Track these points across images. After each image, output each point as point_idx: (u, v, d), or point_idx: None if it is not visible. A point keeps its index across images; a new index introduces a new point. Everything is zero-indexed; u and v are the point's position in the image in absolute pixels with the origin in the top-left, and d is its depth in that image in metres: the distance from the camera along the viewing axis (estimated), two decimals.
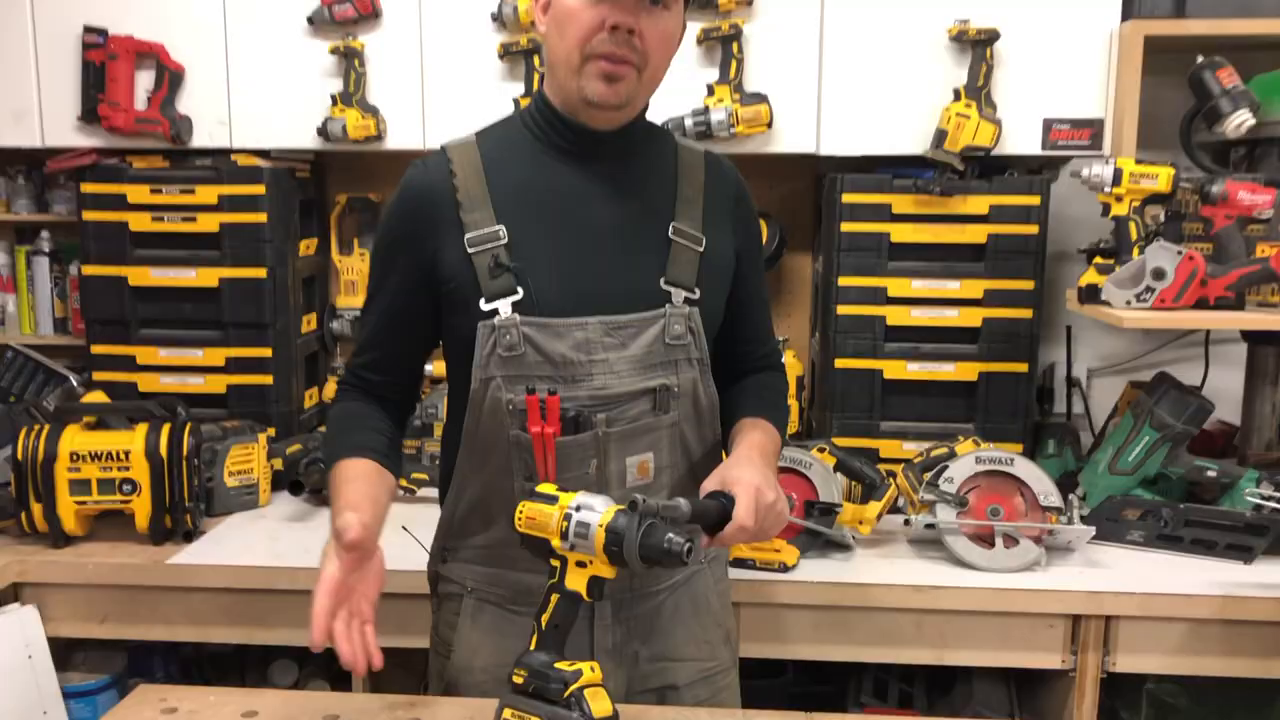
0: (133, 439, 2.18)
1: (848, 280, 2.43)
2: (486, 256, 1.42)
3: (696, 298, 1.49)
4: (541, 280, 1.43)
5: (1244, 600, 2.00)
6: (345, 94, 2.43)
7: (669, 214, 1.50)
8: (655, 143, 1.55)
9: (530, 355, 1.42)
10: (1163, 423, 2.23)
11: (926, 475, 2.18)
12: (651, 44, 1.39)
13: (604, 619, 1.52)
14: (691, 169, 1.54)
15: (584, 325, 1.43)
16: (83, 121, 2.49)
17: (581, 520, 1.24)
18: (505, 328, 1.42)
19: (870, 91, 2.38)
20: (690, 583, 1.60)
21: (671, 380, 1.47)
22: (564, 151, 1.48)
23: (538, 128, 1.49)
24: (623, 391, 1.45)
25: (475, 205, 1.44)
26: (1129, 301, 2.15)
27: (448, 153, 1.49)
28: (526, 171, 1.48)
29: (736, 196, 1.59)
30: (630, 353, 1.45)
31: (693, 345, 1.49)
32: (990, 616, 2.06)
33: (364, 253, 2.81)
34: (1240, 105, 2.22)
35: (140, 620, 2.16)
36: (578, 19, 1.38)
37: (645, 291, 1.46)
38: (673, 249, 1.48)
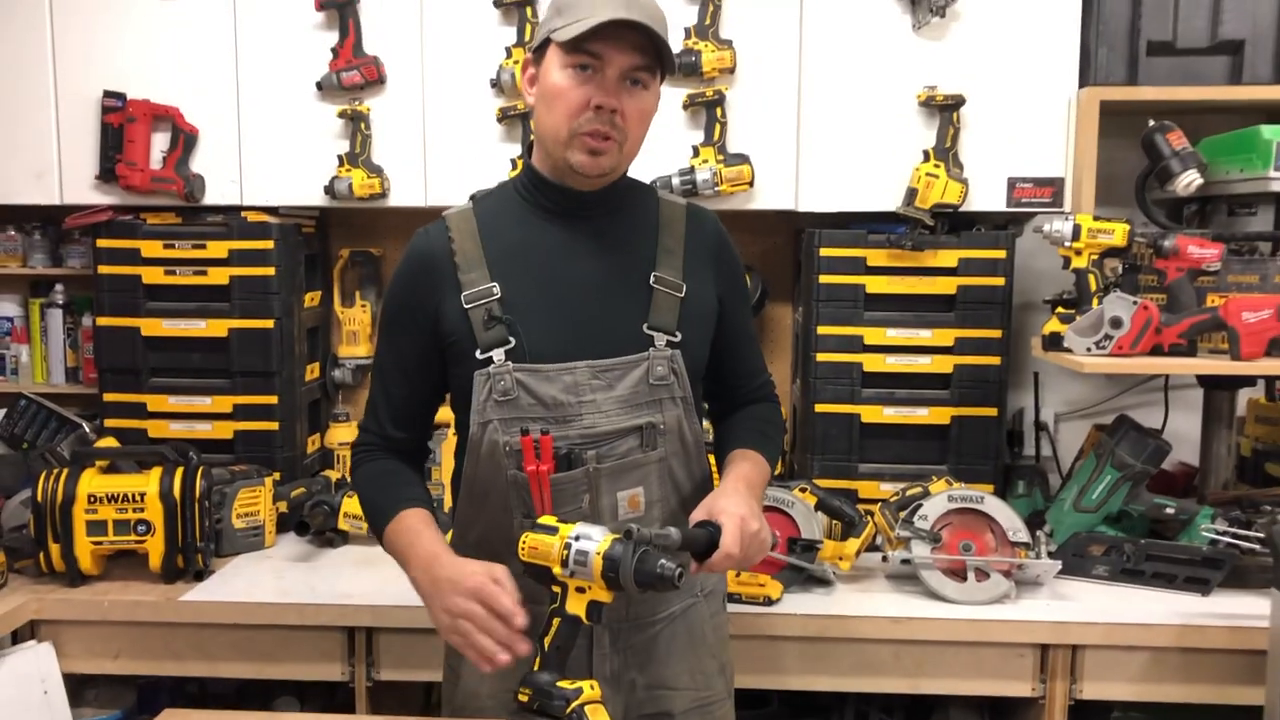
0: (148, 481, 2.28)
1: (826, 329, 2.56)
2: (481, 311, 1.55)
3: (679, 340, 1.61)
4: (532, 330, 1.55)
5: (1201, 629, 2.12)
6: (352, 154, 2.57)
7: (650, 264, 1.62)
8: (637, 199, 1.68)
9: (524, 398, 1.55)
10: (1123, 462, 2.36)
11: (902, 513, 2.30)
12: (631, 121, 1.54)
13: (602, 647, 1.62)
14: (672, 221, 1.67)
15: (573, 369, 1.56)
16: (100, 180, 2.62)
17: (580, 549, 1.35)
18: (499, 374, 1.54)
19: (845, 152, 2.53)
20: (686, 615, 1.70)
21: (657, 418, 1.59)
22: (551, 212, 1.61)
23: (527, 192, 1.63)
24: (611, 429, 1.57)
25: (471, 266, 1.58)
26: (1089, 348, 2.28)
27: (446, 221, 1.63)
28: (518, 232, 1.61)
29: (717, 245, 1.71)
30: (617, 393, 1.57)
31: (676, 385, 1.61)
32: (963, 646, 2.17)
33: (365, 304, 2.94)
34: (1189, 165, 2.39)
35: (152, 656, 2.25)
36: (565, 97, 1.52)
37: (629, 336, 1.59)
38: (654, 296, 1.61)
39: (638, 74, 1.53)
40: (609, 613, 1.56)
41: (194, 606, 2.21)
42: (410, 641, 2.21)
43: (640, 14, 1.49)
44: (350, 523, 2.53)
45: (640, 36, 1.50)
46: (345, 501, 2.54)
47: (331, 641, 2.22)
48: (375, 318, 2.96)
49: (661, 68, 1.56)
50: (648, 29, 1.48)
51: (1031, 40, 2.47)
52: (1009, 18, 2.47)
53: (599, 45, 1.49)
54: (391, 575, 2.33)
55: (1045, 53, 2.48)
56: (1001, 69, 2.49)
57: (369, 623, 2.20)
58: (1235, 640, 2.11)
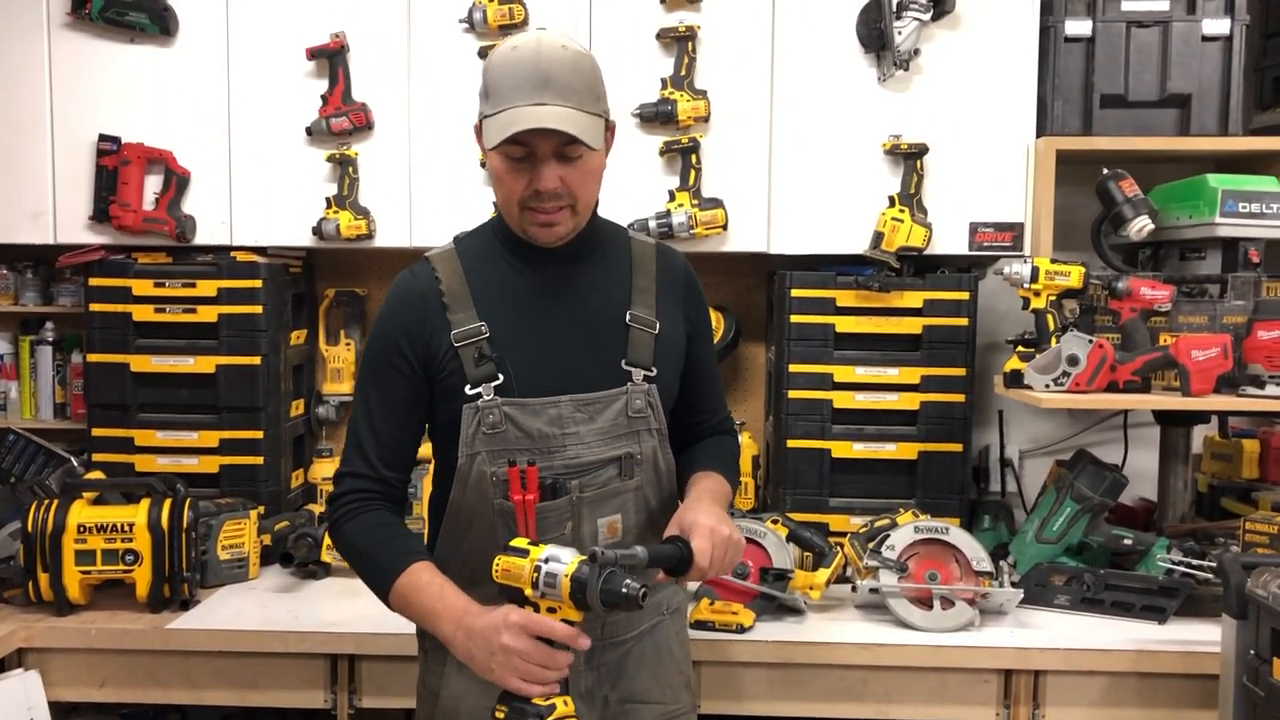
0: (136, 512, 2.33)
1: (797, 367, 2.65)
2: (471, 349, 1.62)
3: (654, 375, 1.69)
4: (519, 367, 1.62)
5: (1156, 655, 2.20)
6: (339, 197, 2.66)
7: (626, 303, 1.70)
8: (608, 241, 1.75)
9: (511, 431, 1.62)
10: (1082, 495, 2.45)
11: (871, 544, 2.37)
12: (576, 185, 1.58)
13: (577, 664, 1.65)
14: (644, 261, 1.75)
15: (557, 403, 1.63)
16: (94, 220, 2.70)
17: (550, 571, 1.41)
18: (488, 408, 1.61)
19: (814, 197, 2.64)
20: (654, 632, 1.77)
21: (635, 449, 1.67)
22: (528, 259, 1.68)
23: (503, 238, 1.69)
24: (593, 460, 1.65)
25: (459, 305, 1.64)
26: (1048, 385, 2.38)
27: (431, 262, 1.69)
28: (500, 274, 1.68)
29: (686, 283, 1.79)
30: (598, 425, 1.65)
31: (652, 417, 1.69)
32: (929, 672, 2.24)
33: (349, 342, 3.01)
34: (1140, 211, 2.50)
35: (137, 684, 2.29)
36: (506, 183, 1.59)
37: (608, 372, 1.67)
38: (631, 334, 1.69)
39: (569, 148, 1.55)
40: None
41: (179, 634, 2.26)
42: (392, 669, 2.25)
43: (557, 94, 1.51)
44: (333, 554, 2.58)
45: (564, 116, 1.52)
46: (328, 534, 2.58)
47: (314, 669, 2.27)
48: (359, 355, 3.02)
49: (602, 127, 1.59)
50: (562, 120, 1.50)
51: (991, 92, 2.60)
52: (969, 71, 2.60)
53: (525, 135, 1.52)
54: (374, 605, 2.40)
55: (1004, 104, 2.60)
56: (963, 119, 2.60)
57: (352, 650, 2.25)
58: (1189, 665, 2.19)
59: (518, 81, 1.53)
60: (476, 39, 2.64)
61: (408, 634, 2.20)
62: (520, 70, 1.53)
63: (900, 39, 2.52)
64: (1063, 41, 2.59)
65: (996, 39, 2.59)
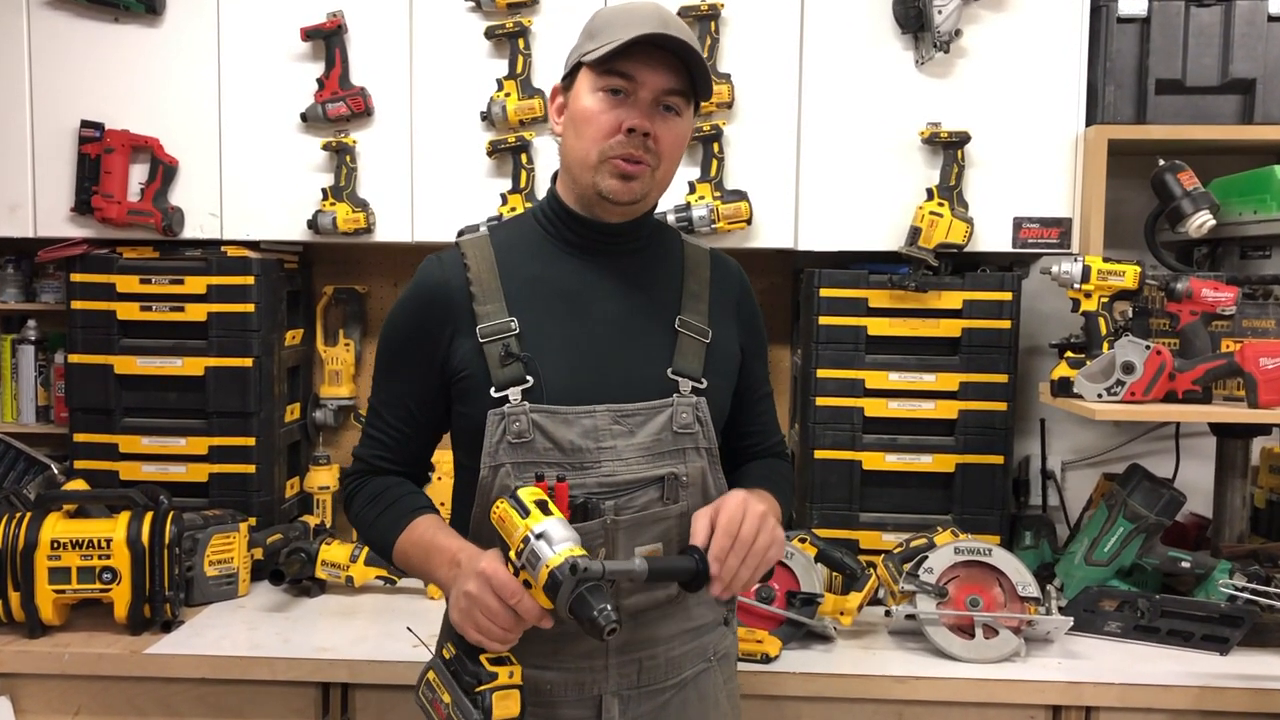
0: (114, 527, 2.17)
1: (826, 372, 2.48)
2: (498, 346, 1.46)
3: (704, 388, 1.52)
4: (551, 369, 1.46)
5: (1221, 691, 2.02)
6: (336, 188, 2.49)
7: (675, 307, 1.55)
8: (662, 239, 1.62)
9: (539, 442, 1.45)
10: (1136, 514, 2.26)
11: (906, 566, 2.20)
12: (665, 146, 1.47)
13: (610, 717, 1.51)
14: (697, 266, 1.61)
15: (592, 413, 1.47)
16: (75, 212, 2.53)
17: (534, 551, 1.27)
18: (515, 415, 1.45)
19: (846, 190, 2.46)
20: (698, 681, 1.59)
21: (680, 469, 1.50)
22: (574, 246, 1.54)
23: (549, 224, 1.55)
24: (631, 479, 1.47)
25: (488, 298, 1.49)
26: (1100, 394, 2.20)
27: (462, 248, 1.54)
28: (537, 266, 1.53)
29: (740, 294, 1.65)
30: (638, 440, 1.48)
31: (701, 435, 1.52)
32: (971, 707, 2.06)
33: (349, 343, 2.84)
34: (1201, 206, 2.31)
35: (114, 712, 2.13)
36: (595, 121, 1.45)
37: (653, 380, 1.51)
38: (679, 340, 1.53)
39: (671, 98, 1.47)
40: (617, 679, 1.50)
41: (159, 660, 2.10)
42: (389, 699, 2.09)
43: (676, 33, 1.43)
44: (328, 571, 2.42)
45: (675, 59, 1.44)
46: (323, 549, 2.43)
47: (305, 698, 2.11)
48: (359, 357, 2.86)
49: (696, 94, 1.49)
50: (682, 48, 1.43)
51: (1037, 77, 2.41)
52: (1014, 54, 2.41)
53: (632, 66, 1.43)
54: (371, 627, 2.26)
55: (1051, 90, 2.41)
56: (1007, 106, 2.42)
57: (345, 678, 2.09)
58: (1257, 703, 2.01)
59: (636, 20, 1.43)
60: (483, 18, 2.46)
61: (405, 661, 2.07)
62: (640, 13, 1.45)
63: (940, 19, 2.33)
64: (1115, 22, 2.39)
65: (1044, 19, 2.40)
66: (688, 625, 1.55)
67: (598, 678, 1.50)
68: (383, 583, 2.46)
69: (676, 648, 1.55)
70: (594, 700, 1.50)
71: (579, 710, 1.50)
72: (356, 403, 2.85)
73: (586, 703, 1.50)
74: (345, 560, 2.43)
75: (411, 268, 1.62)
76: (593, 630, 1.24)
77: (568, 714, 1.50)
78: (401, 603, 2.42)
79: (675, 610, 1.52)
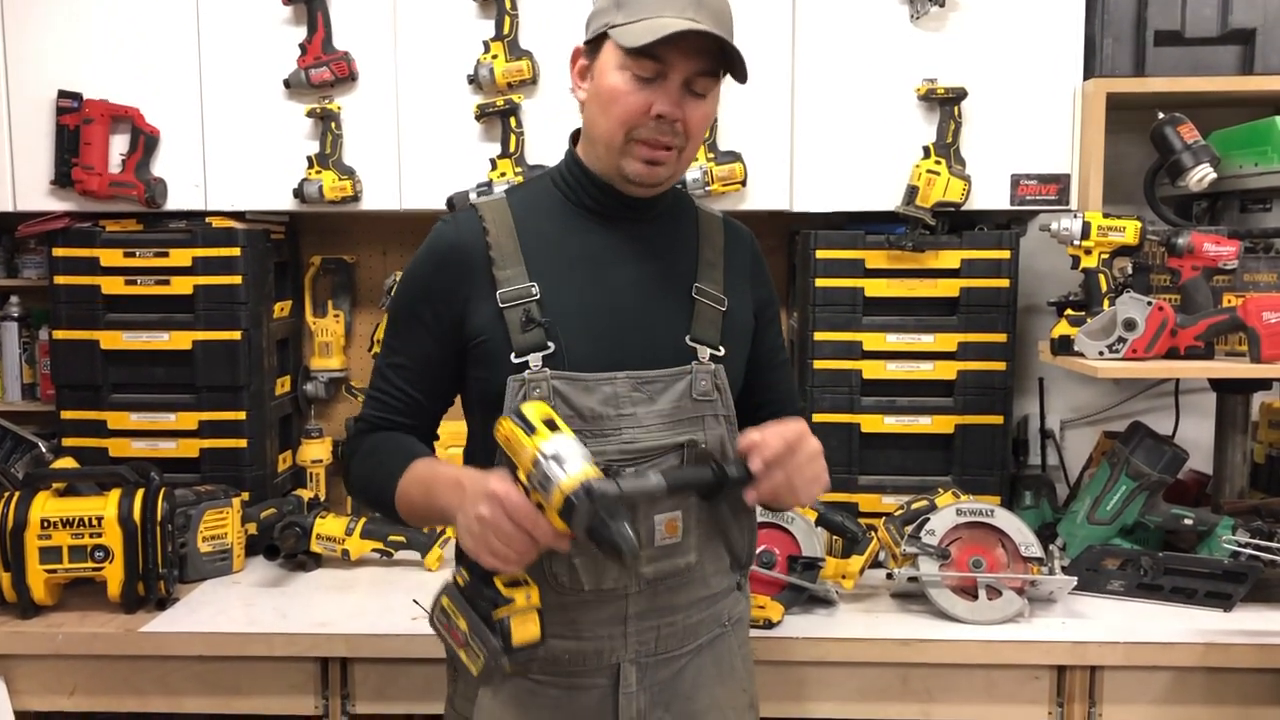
0: (105, 505, 2.14)
1: (823, 335, 2.44)
2: (519, 312, 1.43)
3: (722, 355, 1.50)
4: (571, 336, 1.44)
5: (1226, 648, 2.01)
6: (322, 156, 2.44)
7: (691, 275, 1.53)
8: (678, 206, 1.59)
9: (560, 409, 1.41)
10: (1139, 471, 2.25)
11: (908, 528, 2.18)
12: (693, 127, 1.43)
13: (628, 686, 1.49)
14: (711, 233, 1.58)
15: (612, 380, 1.44)
16: (55, 185, 2.47)
17: (546, 473, 1.21)
18: (535, 381, 1.42)
19: (841, 149, 2.41)
20: (714, 646, 1.57)
21: (699, 436, 1.47)
22: (593, 212, 1.50)
23: (568, 188, 1.52)
24: (651, 446, 1.45)
25: (508, 261, 1.46)
26: (1101, 352, 2.17)
27: (479, 210, 1.50)
28: (556, 230, 1.50)
29: (753, 261, 1.63)
30: (658, 407, 1.46)
31: (719, 402, 1.49)
32: (976, 669, 2.05)
33: (338, 314, 2.80)
34: (1202, 159, 2.28)
35: (110, 692, 2.11)
36: (623, 102, 1.40)
37: (671, 348, 1.48)
38: (696, 308, 1.51)
39: (702, 80, 1.42)
40: (635, 647, 1.48)
41: (155, 639, 2.07)
42: (388, 672, 2.07)
43: (709, 18, 1.38)
44: (323, 545, 2.40)
45: (708, 41, 1.38)
46: (318, 523, 2.40)
47: (304, 673, 2.08)
48: (349, 328, 2.82)
49: (730, 70, 1.45)
50: (718, 36, 1.38)
51: (1034, 30, 2.37)
52: (1010, 6, 2.36)
53: (664, 50, 1.37)
54: (369, 600, 2.23)
55: (1049, 43, 2.37)
56: (1003, 60, 2.38)
57: (343, 653, 2.07)
58: (1262, 658, 2.01)
59: None
60: None
61: (404, 635, 2.05)
62: None
63: None
64: None
65: None
66: (704, 593, 1.54)
67: (615, 646, 1.48)
68: (379, 555, 2.43)
69: (693, 615, 1.53)
70: (612, 669, 1.48)
71: (597, 679, 1.49)
72: (348, 375, 2.81)
73: (604, 671, 1.49)
74: (341, 534, 2.40)
75: (400, 236, 1.59)
76: (614, 555, 1.20)
77: (586, 683, 1.49)
78: (399, 575, 2.39)
79: (693, 578, 1.50)
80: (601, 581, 1.45)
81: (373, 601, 2.23)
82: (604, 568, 1.44)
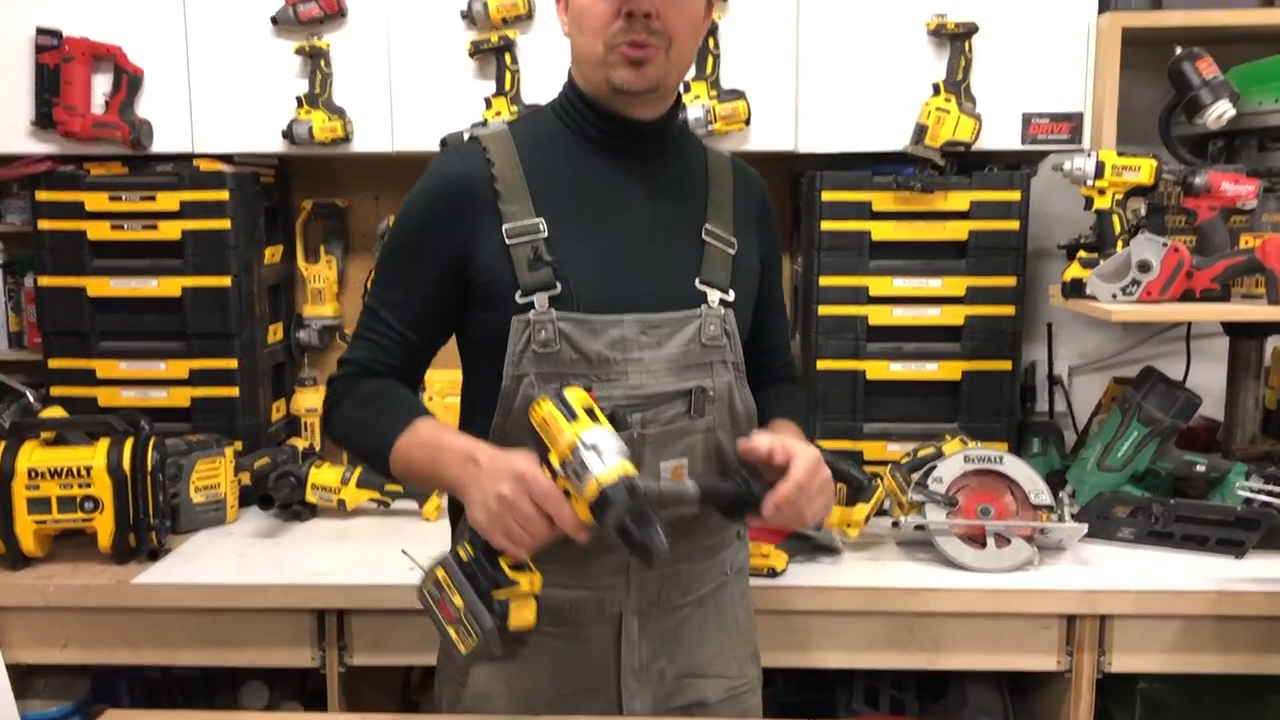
0: (94, 454, 2.09)
1: (828, 280, 2.38)
2: (525, 249, 1.37)
3: (731, 300, 1.45)
4: (579, 276, 1.38)
5: (1238, 595, 1.98)
6: (311, 95, 2.36)
7: (701, 216, 1.47)
8: (687, 144, 1.53)
9: (565, 352, 1.37)
10: (1151, 417, 2.20)
11: (915, 476, 2.14)
12: (672, 23, 1.36)
13: (630, 636, 1.46)
14: (720, 174, 1.52)
15: (620, 323, 1.38)
16: (37, 127, 2.39)
17: (584, 463, 1.17)
18: (541, 323, 1.36)
19: (848, 87, 2.34)
20: (717, 595, 1.54)
21: (707, 383, 1.43)
22: (599, 144, 1.44)
23: (570, 118, 1.45)
24: (658, 391, 1.40)
25: (514, 196, 1.39)
26: (1115, 295, 2.11)
27: (482, 141, 1.44)
28: (561, 164, 1.43)
29: (761, 206, 1.57)
30: (666, 352, 1.40)
31: (728, 348, 1.45)
32: (984, 618, 2.02)
33: (330, 259, 2.73)
34: (1221, 96, 2.21)
35: (103, 644, 2.07)
36: (593, 11, 1.35)
37: (681, 291, 1.43)
38: (706, 250, 1.45)
39: None
40: (638, 598, 1.45)
41: (147, 590, 2.03)
42: (386, 624, 2.04)
43: None
44: (319, 494, 2.35)
45: None
46: (313, 472, 2.36)
47: (299, 625, 2.05)
48: (342, 275, 2.76)
49: None
50: None
51: None
52: None
53: None
54: (365, 551, 2.19)
55: None
56: None
57: (340, 604, 2.03)
58: (1275, 606, 1.98)
59: None
60: None
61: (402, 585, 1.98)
62: None
63: None
64: None
65: None
66: (707, 542, 1.50)
67: (619, 596, 1.45)
68: (376, 505, 2.39)
69: (697, 564, 1.50)
70: (614, 618, 1.46)
71: (599, 628, 1.46)
72: (341, 322, 2.75)
73: (606, 621, 1.46)
74: (336, 483, 2.36)
75: (393, 180, 1.53)
76: (643, 555, 1.17)
77: (588, 633, 1.46)
78: (395, 525, 2.35)
79: (696, 527, 1.46)
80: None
81: (369, 552, 2.19)
82: None
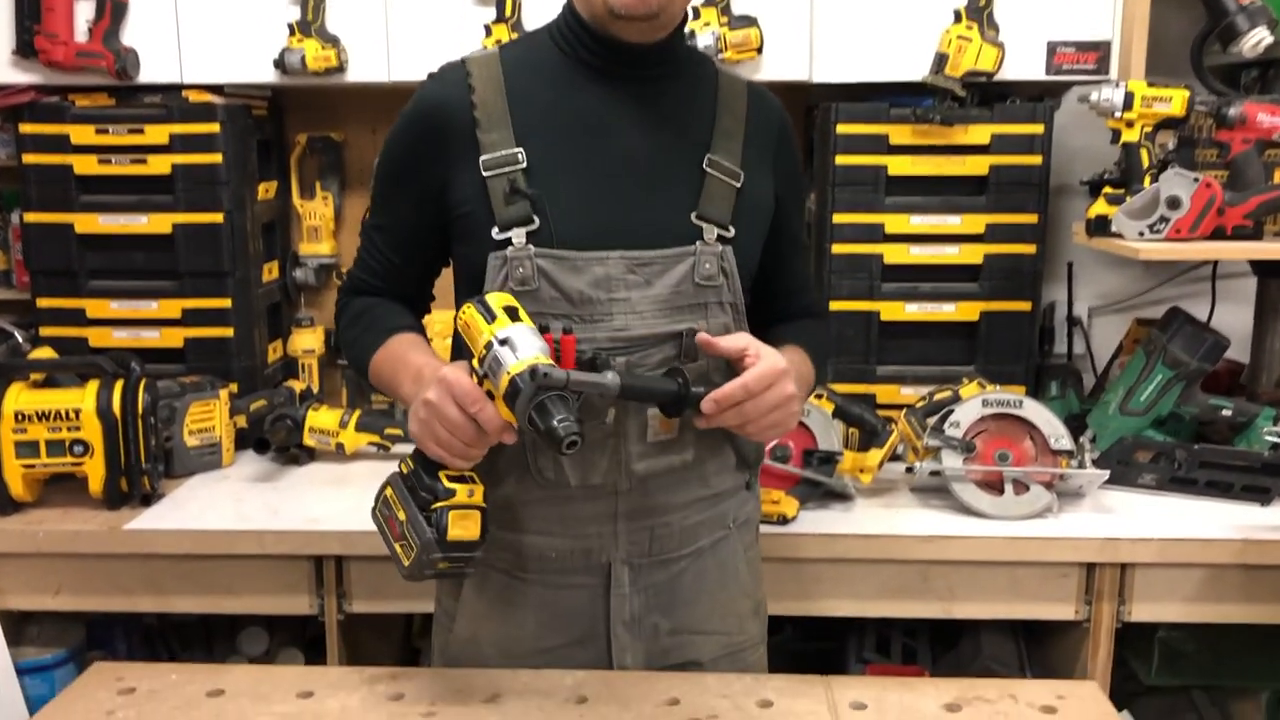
0: (83, 397, 2.02)
1: (843, 217, 2.30)
2: (503, 181, 1.30)
3: (731, 236, 1.36)
4: (560, 209, 1.31)
5: (1265, 544, 1.91)
6: (303, 22, 2.25)
7: (705, 145, 1.37)
8: (694, 67, 1.43)
9: (545, 291, 1.30)
10: (1177, 360, 2.13)
11: (930, 420, 2.07)
12: None
13: (620, 588, 1.41)
14: (733, 100, 1.42)
15: (604, 260, 1.31)
16: (18, 56, 2.29)
17: (497, 357, 1.16)
18: (518, 259, 1.29)
19: (865, 13, 2.23)
20: (716, 549, 1.47)
21: (700, 325, 1.34)
22: (595, 70, 1.35)
23: (566, 43, 1.36)
24: (645, 334, 1.32)
25: (494, 124, 1.32)
26: (1142, 233, 2.03)
27: (467, 65, 1.36)
28: (551, 91, 1.35)
29: (780, 135, 1.46)
30: (655, 292, 1.33)
31: (725, 288, 1.36)
32: (1000, 567, 1.96)
33: (326, 196, 2.64)
34: (1258, 22, 2.11)
35: (97, 591, 2.02)
36: None
37: (674, 226, 1.34)
38: (707, 182, 1.36)
39: None
40: (626, 548, 1.40)
41: (140, 536, 1.98)
42: (385, 570, 1.93)
43: None
44: (317, 438, 2.29)
45: None
46: (311, 415, 2.30)
47: (297, 572, 2.00)
48: (339, 211, 2.67)
49: None
50: None
51: None
52: None
53: None
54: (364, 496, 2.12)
55: None
56: None
57: (338, 551, 1.98)
58: None
59: None
60: None
61: None
62: None
63: None
64: None
65: None
66: (704, 493, 1.43)
67: (605, 545, 1.39)
68: (375, 449, 2.33)
69: (692, 516, 1.43)
70: (603, 568, 1.40)
71: (586, 578, 1.41)
72: (338, 260, 2.67)
73: (594, 570, 1.41)
74: (335, 426, 2.30)
75: (390, 113, 1.44)
76: (550, 441, 1.12)
77: (574, 581, 1.41)
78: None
79: (690, 477, 1.40)
80: (589, 477, 1.35)
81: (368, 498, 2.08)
82: (592, 462, 1.34)
